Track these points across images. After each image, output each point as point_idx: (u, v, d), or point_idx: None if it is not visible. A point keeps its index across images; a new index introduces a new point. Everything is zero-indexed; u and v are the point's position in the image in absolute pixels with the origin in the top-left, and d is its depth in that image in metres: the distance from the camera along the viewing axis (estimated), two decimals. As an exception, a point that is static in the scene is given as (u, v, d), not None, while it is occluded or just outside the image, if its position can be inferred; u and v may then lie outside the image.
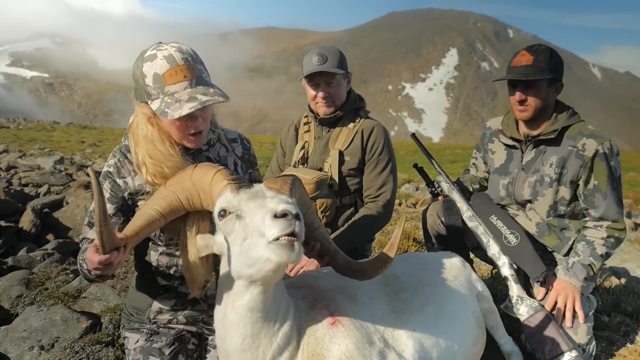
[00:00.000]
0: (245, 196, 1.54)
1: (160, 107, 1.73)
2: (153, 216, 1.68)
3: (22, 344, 2.64)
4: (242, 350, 1.61)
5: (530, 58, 2.53)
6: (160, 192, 1.76)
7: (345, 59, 2.91)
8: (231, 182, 1.59)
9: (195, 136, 1.90)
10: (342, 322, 1.76)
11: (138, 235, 1.67)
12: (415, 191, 12.16)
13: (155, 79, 1.74)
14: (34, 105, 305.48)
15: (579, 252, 2.57)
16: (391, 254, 1.78)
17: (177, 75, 1.73)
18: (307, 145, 3.01)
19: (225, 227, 1.56)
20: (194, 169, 1.72)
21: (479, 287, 2.38)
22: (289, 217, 1.35)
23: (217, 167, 1.66)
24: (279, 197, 1.54)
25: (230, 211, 1.54)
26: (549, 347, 2.38)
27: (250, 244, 1.46)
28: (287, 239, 1.36)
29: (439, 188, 3.07)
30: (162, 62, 1.74)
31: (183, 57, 1.76)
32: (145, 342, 2.07)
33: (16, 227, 5.59)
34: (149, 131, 1.86)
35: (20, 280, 3.42)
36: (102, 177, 1.98)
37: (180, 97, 1.72)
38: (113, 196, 1.95)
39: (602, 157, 2.51)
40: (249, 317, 1.59)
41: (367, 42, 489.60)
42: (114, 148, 2.03)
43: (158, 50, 1.77)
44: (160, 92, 1.75)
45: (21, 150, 20.72)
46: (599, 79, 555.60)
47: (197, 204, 1.70)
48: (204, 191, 1.66)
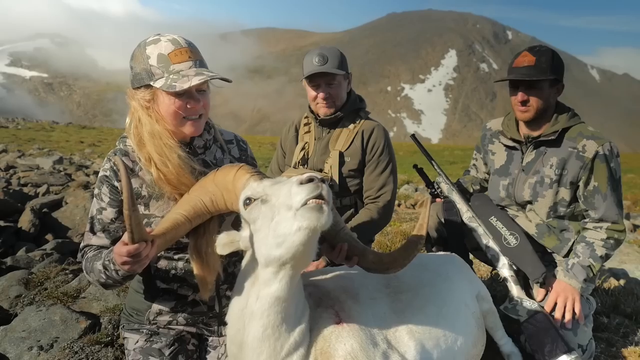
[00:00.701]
0: (269, 182, 1.55)
1: (166, 83, 1.74)
2: (179, 220, 1.68)
3: (21, 344, 2.63)
4: (262, 340, 1.60)
5: (532, 59, 2.54)
6: (184, 198, 1.76)
7: (346, 59, 2.91)
8: (254, 174, 1.61)
9: (194, 121, 1.88)
10: (347, 322, 1.77)
11: (165, 236, 1.65)
12: (415, 192, 12.16)
13: (160, 59, 1.76)
14: (33, 105, 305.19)
15: (578, 254, 2.57)
16: (422, 234, 1.78)
17: (182, 55, 1.77)
18: (308, 146, 3.01)
19: (251, 214, 1.55)
20: (216, 172, 1.73)
21: (479, 288, 2.38)
22: (315, 181, 1.35)
23: (238, 165, 1.68)
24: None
25: (256, 197, 1.54)
26: (548, 348, 2.38)
27: (278, 221, 1.44)
28: (315, 201, 1.35)
29: (439, 189, 3.07)
30: (166, 44, 1.78)
31: (186, 42, 1.82)
32: (145, 342, 2.06)
33: (15, 227, 5.57)
34: (153, 125, 1.84)
35: (19, 280, 3.41)
36: (99, 182, 1.95)
37: (187, 73, 1.75)
38: (113, 199, 1.92)
39: (602, 159, 2.51)
40: (275, 306, 1.58)
41: (366, 43, 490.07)
42: (109, 152, 2.00)
43: (161, 36, 1.81)
44: (165, 71, 1.76)
45: (20, 150, 20.71)
46: (597, 80, 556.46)
47: (221, 205, 1.69)
48: (228, 190, 1.66)
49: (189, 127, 1.88)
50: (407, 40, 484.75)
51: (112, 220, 1.92)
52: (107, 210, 1.92)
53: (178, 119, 1.85)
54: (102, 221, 1.92)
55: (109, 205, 1.92)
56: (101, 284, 1.83)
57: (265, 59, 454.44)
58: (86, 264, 1.86)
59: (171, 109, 1.82)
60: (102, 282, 1.80)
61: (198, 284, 1.85)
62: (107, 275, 1.74)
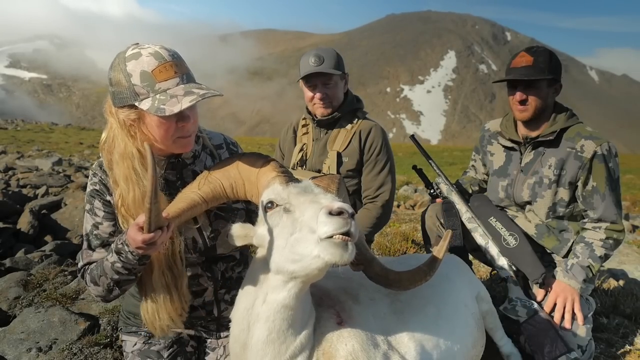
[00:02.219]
0: (295, 190, 1.50)
1: (154, 105, 1.58)
2: (196, 200, 1.62)
3: (19, 345, 2.63)
4: (266, 343, 1.59)
5: (530, 59, 2.54)
6: (204, 176, 1.67)
7: (342, 60, 2.91)
8: (280, 174, 1.55)
9: (185, 139, 1.76)
10: (348, 322, 1.76)
11: (180, 218, 1.60)
12: (414, 193, 12.16)
13: (144, 77, 1.60)
14: (32, 106, 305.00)
15: (577, 254, 2.57)
16: (434, 269, 1.74)
17: (167, 72, 1.61)
18: (306, 147, 3.01)
19: (272, 219, 1.51)
20: (242, 157, 1.67)
21: (479, 289, 2.37)
22: (345, 216, 1.28)
23: (266, 157, 1.63)
24: (330, 194, 1.51)
25: (279, 204, 1.50)
26: (548, 348, 2.38)
27: (298, 238, 1.41)
28: (341, 237, 1.29)
29: (438, 190, 3.07)
30: (148, 59, 1.61)
31: (170, 54, 1.65)
32: (143, 344, 2.06)
33: (14, 229, 5.56)
34: (127, 145, 1.71)
35: (18, 282, 3.40)
36: (89, 197, 1.88)
37: (176, 93, 1.60)
38: (109, 212, 1.85)
39: (600, 159, 2.52)
40: (281, 313, 1.56)
41: (365, 44, 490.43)
42: (93, 165, 1.92)
43: (141, 49, 1.64)
44: (151, 91, 1.60)
45: (19, 151, 20.69)
46: (596, 81, 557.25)
47: (241, 193, 1.65)
48: (250, 181, 1.61)
49: (179, 146, 1.78)
50: (406, 41, 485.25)
51: (110, 234, 1.85)
52: (104, 225, 1.85)
53: (168, 140, 1.72)
54: (99, 236, 1.85)
55: (104, 219, 1.85)
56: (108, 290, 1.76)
57: (265, 61, 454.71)
58: (92, 274, 1.79)
59: (161, 131, 1.69)
60: (115, 279, 1.71)
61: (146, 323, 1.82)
62: (122, 262, 1.64)
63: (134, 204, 1.72)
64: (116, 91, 1.66)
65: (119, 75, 1.64)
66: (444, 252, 1.73)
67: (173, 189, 1.83)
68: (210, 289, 2.09)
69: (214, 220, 1.98)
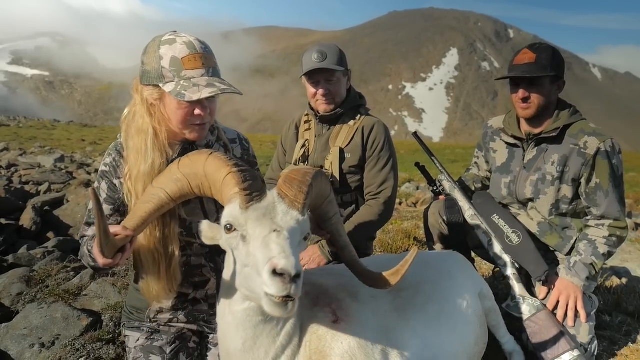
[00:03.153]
0: (254, 215, 1.45)
1: (176, 89, 1.70)
2: (163, 200, 1.63)
3: (22, 341, 2.63)
4: (244, 352, 1.60)
5: (533, 56, 2.53)
6: (171, 172, 1.66)
7: (345, 56, 2.90)
8: (241, 191, 1.47)
9: (199, 127, 1.85)
10: (345, 320, 1.76)
11: (146, 222, 1.63)
12: (416, 190, 12.15)
13: (173, 62, 1.72)
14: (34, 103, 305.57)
15: (580, 251, 2.56)
16: (393, 281, 1.73)
17: (195, 62, 1.73)
18: (308, 143, 3.01)
19: (231, 242, 1.51)
20: (209, 157, 1.60)
21: (481, 286, 2.37)
22: (285, 280, 1.28)
23: (230, 167, 1.53)
24: (284, 233, 1.41)
25: (236, 229, 1.48)
26: (550, 346, 2.37)
27: (250, 274, 1.42)
28: (281, 299, 1.31)
29: (441, 187, 3.06)
30: (181, 47, 1.73)
31: (202, 47, 1.77)
32: (146, 340, 2.06)
33: (17, 225, 5.58)
34: (145, 123, 1.81)
35: (21, 278, 3.41)
36: (99, 177, 1.95)
37: (198, 82, 1.72)
38: (110, 196, 1.92)
39: (604, 155, 2.51)
40: (248, 322, 1.58)
41: (367, 41, 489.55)
42: (110, 145, 1.99)
43: (177, 36, 1.76)
44: (176, 76, 1.73)
45: (22, 148, 20.73)
46: (599, 79, 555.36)
47: (207, 193, 1.64)
48: (215, 187, 1.58)
49: (193, 133, 1.86)
50: (408, 38, 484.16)
51: (108, 216, 1.92)
52: (105, 207, 1.91)
53: (183, 124, 1.82)
54: None
55: (105, 202, 1.91)
56: (91, 267, 1.86)
57: (268, 58, 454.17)
58: (81, 249, 1.90)
59: (178, 114, 1.79)
60: (91, 265, 1.82)
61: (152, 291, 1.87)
62: (92, 261, 1.76)
63: (136, 179, 1.78)
64: (146, 70, 1.78)
65: (151, 56, 1.76)
66: (408, 266, 1.69)
67: None
68: (213, 280, 2.11)
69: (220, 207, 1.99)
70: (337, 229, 1.84)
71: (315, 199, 1.66)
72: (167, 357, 2.03)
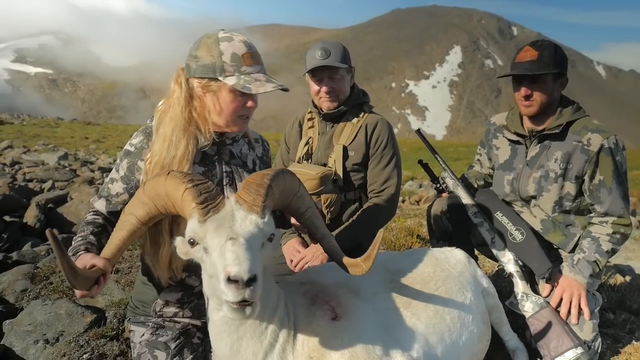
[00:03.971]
0: (212, 226, 1.48)
1: (239, 83, 1.81)
2: (134, 225, 1.67)
3: (27, 337, 2.65)
4: (232, 356, 1.63)
5: (535, 53, 2.52)
6: (139, 197, 1.70)
7: (349, 53, 2.90)
8: (198, 205, 1.50)
9: (244, 119, 1.97)
10: (345, 317, 1.76)
11: (121, 250, 1.69)
12: (419, 188, 12.14)
13: (234, 58, 1.84)
14: (38, 101, 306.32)
15: (584, 249, 2.56)
16: (366, 266, 1.73)
17: (252, 59, 1.87)
18: (311, 140, 3.00)
19: (196, 255, 1.55)
20: (167, 177, 1.62)
21: (484, 283, 2.37)
22: (239, 286, 1.32)
23: (185, 183, 1.55)
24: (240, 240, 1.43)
25: (198, 242, 1.52)
26: (554, 343, 2.37)
27: (215, 283, 1.47)
28: (237, 304, 1.37)
29: (444, 184, 3.05)
30: (240, 45, 1.86)
31: (254, 47, 1.92)
32: (150, 335, 2.07)
33: (20, 222, 5.59)
34: (181, 111, 1.89)
35: (25, 275, 3.42)
36: (122, 153, 2.00)
37: (258, 78, 1.85)
38: (126, 176, 1.97)
39: (607, 152, 2.50)
40: (228, 327, 1.61)
41: (370, 39, 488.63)
42: (141, 127, 2.04)
43: (233, 35, 1.88)
44: (237, 71, 1.84)
45: (25, 146, 20.78)
46: (604, 77, 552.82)
47: (173, 212, 1.67)
48: (177, 205, 1.61)
49: (238, 124, 1.97)
50: (411, 36, 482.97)
51: (117, 194, 1.97)
52: (118, 184, 1.97)
53: (233, 115, 1.92)
54: (108, 190, 1.98)
55: (121, 179, 1.97)
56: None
57: (271, 56, 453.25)
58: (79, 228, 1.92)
59: (231, 106, 1.89)
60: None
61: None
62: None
63: (155, 165, 1.85)
64: (200, 64, 1.86)
65: (210, 51, 1.85)
66: (376, 248, 1.71)
67: (209, 161, 2.02)
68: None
69: None
70: (312, 222, 1.87)
71: (282, 198, 1.70)
72: (172, 352, 2.04)
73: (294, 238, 2.85)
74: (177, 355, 2.05)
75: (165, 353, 2.03)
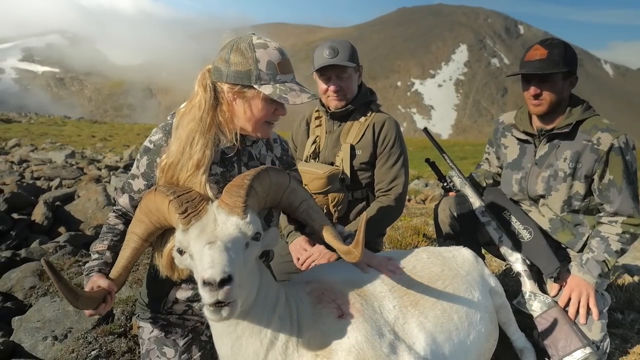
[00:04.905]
0: (194, 233, 1.54)
1: (276, 92, 1.80)
2: (136, 242, 1.77)
3: (36, 334, 2.67)
4: (233, 355, 1.66)
5: (544, 52, 2.50)
6: (136, 215, 1.78)
7: (357, 52, 2.89)
8: (180, 215, 1.58)
9: (270, 126, 1.98)
10: (351, 315, 1.76)
11: (127, 269, 1.80)
12: (425, 187, 12.11)
13: (269, 66, 1.81)
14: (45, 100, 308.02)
15: (593, 248, 2.54)
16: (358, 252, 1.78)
17: (286, 68, 1.86)
18: (319, 139, 3.00)
19: (185, 263, 1.61)
20: (155, 194, 1.70)
21: (492, 283, 2.36)
22: (213, 288, 1.38)
23: (168, 195, 1.63)
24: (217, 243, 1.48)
25: (184, 250, 1.58)
26: (562, 343, 2.36)
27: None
28: (213, 306, 1.42)
29: (451, 183, 3.04)
30: (275, 52, 1.83)
31: (286, 55, 1.88)
32: (159, 332, 2.08)
33: (28, 220, 5.64)
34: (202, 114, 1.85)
35: (34, 272, 3.45)
36: (142, 150, 2.00)
37: (293, 87, 1.84)
38: (147, 173, 1.97)
39: (617, 151, 2.48)
40: (226, 328, 1.64)
41: (376, 38, 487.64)
42: (160, 124, 2.04)
43: (266, 41, 1.86)
44: (272, 79, 1.82)
45: (33, 144, 20.94)
46: (611, 75, 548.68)
47: (167, 225, 1.73)
48: (166, 218, 1.68)
49: (265, 130, 1.96)
50: (417, 35, 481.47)
51: (139, 190, 1.98)
52: (139, 180, 1.98)
53: (259, 122, 1.92)
54: (130, 186, 2.00)
55: (142, 176, 1.98)
56: None
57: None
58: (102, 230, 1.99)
59: (262, 113, 1.88)
60: None
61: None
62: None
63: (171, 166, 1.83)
64: (233, 70, 1.82)
65: (245, 58, 1.81)
66: (362, 233, 1.76)
67: (228, 162, 1.99)
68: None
69: None
70: (308, 215, 1.93)
71: (270, 195, 1.76)
72: (180, 349, 2.05)
73: (301, 236, 2.85)
74: (186, 353, 2.06)
75: (173, 350, 2.04)
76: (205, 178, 1.78)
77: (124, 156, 16.83)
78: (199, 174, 1.78)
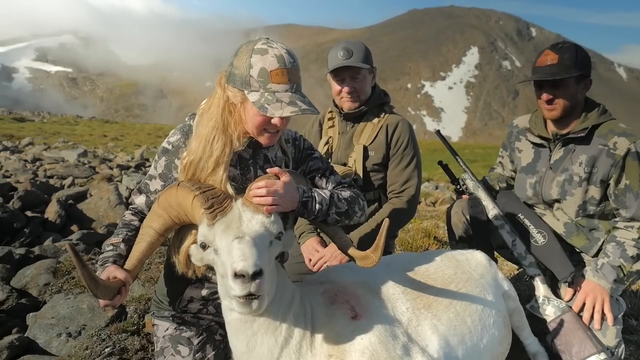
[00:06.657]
0: (220, 228, 1.58)
1: (260, 101, 1.74)
2: (152, 236, 1.79)
3: (50, 330, 2.70)
4: (248, 352, 1.67)
5: (556, 57, 2.48)
6: (154, 210, 1.80)
7: (371, 53, 2.89)
8: (206, 210, 1.61)
9: (271, 134, 1.90)
10: (365, 316, 1.76)
11: (141, 261, 1.81)
12: (435, 190, 12.06)
13: (261, 73, 1.75)
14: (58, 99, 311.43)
15: (608, 253, 2.51)
16: (376, 257, 1.78)
17: (282, 77, 1.76)
18: (332, 140, 3.01)
19: (208, 257, 1.65)
20: (177, 189, 1.73)
21: (505, 286, 2.35)
22: (245, 280, 1.42)
23: (194, 191, 1.66)
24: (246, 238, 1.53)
25: (209, 245, 1.62)
26: (576, 348, 2.34)
27: (225, 282, 1.56)
28: (244, 298, 1.46)
29: (464, 185, 3.03)
30: (272, 59, 1.75)
31: (291, 61, 1.78)
32: (174, 330, 2.10)
33: (42, 218, 5.70)
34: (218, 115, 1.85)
35: (48, 269, 3.49)
36: (160, 151, 2.02)
37: (282, 98, 1.74)
38: (165, 173, 1.99)
39: (634, 156, 2.45)
40: (242, 325, 1.66)
41: (387, 39, 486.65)
42: (178, 125, 2.04)
43: (269, 47, 1.78)
44: (262, 87, 1.76)
45: (46, 143, 21.18)
46: (624, 79, 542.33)
47: (187, 220, 1.75)
48: (189, 213, 1.70)
49: (265, 138, 1.91)
50: (428, 36, 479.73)
51: (155, 191, 1.99)
52: (156, 181, 2.00)
53: (258, 129, 1.88)
54: (147, 186, 2.03)
55: (160, 177, 2.00)
56: None
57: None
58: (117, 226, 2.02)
59: (255, 120, 1.85)
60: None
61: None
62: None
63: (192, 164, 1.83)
64: (233, 73, 1.82)
65: (242, 62, 1.79)
66: (383, 239, 1.76)
67: (245, 165, 2.00)
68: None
69: None
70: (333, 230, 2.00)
71: None
72: (195, 348, 2.06)
73: (312, 237, 2.86)
74: (200, 351, 2.07)
75: (188, 348, 2.06)
76: (225, 176, 1.79)
77: (135, 156, 16.96)
78: (219, 172, 1.79)
